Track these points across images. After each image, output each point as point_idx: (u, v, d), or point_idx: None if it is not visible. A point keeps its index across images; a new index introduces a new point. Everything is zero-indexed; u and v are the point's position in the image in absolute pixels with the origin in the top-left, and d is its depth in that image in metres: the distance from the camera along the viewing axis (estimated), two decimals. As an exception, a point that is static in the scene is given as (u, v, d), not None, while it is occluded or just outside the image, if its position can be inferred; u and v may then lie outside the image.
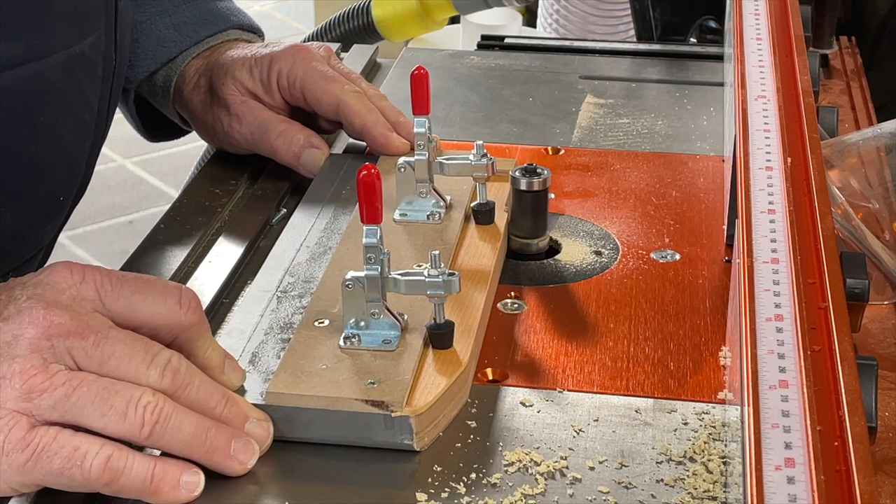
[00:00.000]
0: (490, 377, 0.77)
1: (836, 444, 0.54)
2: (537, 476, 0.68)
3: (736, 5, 1.03)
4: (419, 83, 0.87)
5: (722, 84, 1.18)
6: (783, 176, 0.76)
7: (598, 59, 1.30)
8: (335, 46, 1.27)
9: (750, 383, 0.58)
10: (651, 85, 1.23)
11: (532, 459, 0.69)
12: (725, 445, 0.70)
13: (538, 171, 0.89)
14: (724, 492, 0.66)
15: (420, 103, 0.87)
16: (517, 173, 0.89)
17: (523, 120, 1.14)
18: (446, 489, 0.67)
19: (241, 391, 0.72)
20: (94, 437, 0.65)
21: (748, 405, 0.57)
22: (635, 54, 1.31)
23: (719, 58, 1.25)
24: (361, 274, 0.74)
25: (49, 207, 0.94)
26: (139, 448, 0.67)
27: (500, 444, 0.71)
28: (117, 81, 0.97)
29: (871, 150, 0.92)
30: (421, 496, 0.66)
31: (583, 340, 0.80)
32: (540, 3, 1.93)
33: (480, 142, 0.89)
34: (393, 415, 0.70)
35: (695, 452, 0.69)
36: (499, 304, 0.84)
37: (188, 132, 1.13)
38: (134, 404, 0.65)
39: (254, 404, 0.71)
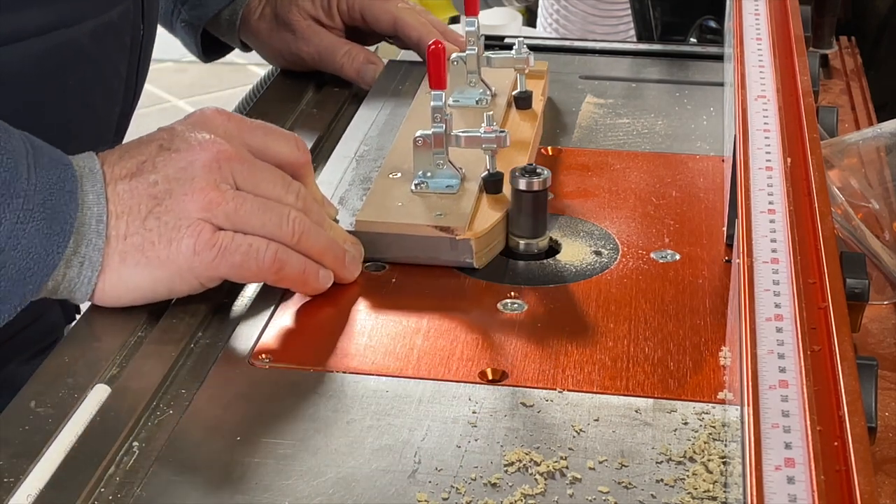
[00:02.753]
0: (490, 377, 0.77)
1: (836, 444, 0.54)
2: (537, 476, 0.68)
3: (736, 5, 1.03)
4: None
5: (722, 84, 1.18)
6: (783, 176, 0.76)
7: (598, 59, 1.30)
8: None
9: (750, 383, 0.58)
10: (651, 85, 1.23)
11: (532, 459, 0.69)
12: (725, 445, 0.70)
13: (538, 171, 0.89)
14: (724, 492, 0.66)
15: (471, 5, 1.04)
16: (517, 173, 0.89)
17: (523, 120, 1.14)
18: (446, 489, 0.67)
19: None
20: (262, 238, 0.81)
21: (748, 405, 0.57)
22: (635, 54, 1.31)
23: (719, 58, 1.25)
24: (429, 132, 0.91)
25: None
26: None
27: (500, 444, 0.71)
28: (145, 51, 1.06)
29: (871, 150, 0.92)
30: (421, 496, 0.66)
31: (583, 340, 0.80)
32: (540, 3, 1.93)
33: (521, 37, 1.09)
34: (457, 237, 0.87)
35: (695, 452, 0.69)
36: (499, 304, 0.84)
37: (232, 50, 1.29)
38: (285, 217, 0.82)
39: (346, 231, 0.88)
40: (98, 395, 0.74)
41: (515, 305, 0.84)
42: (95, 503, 0.67)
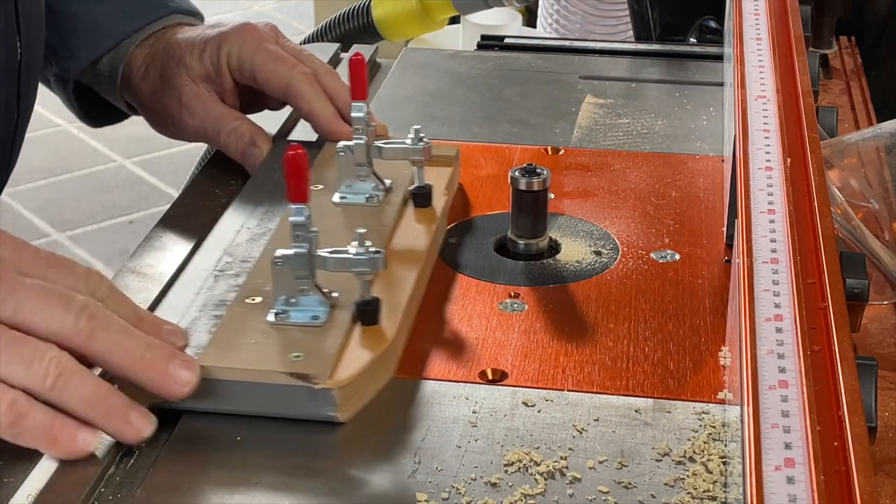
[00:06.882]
0: (490, 377, 0.77)
1: (835, 444, 0.54)
2: (537, 476, 0.68)
3: (736, 5, 1.03)
4: (357, 68, 0.88)
5: (722, 84, 1.18)
6: (783, 176, 0.76)
7: (598, 59, 1.30)
8: (335, 47, 1.28)
9: (750, 383, 0.58)
10: (651, 85, 1.23)
11: (532, 459, 0.69)
12: (725, 445, 0.70)
13: (538, 171, 0.89)
14: (724, 492, 0.66)
15: (358, 88, 0.89)
16: (517, 173, 0.89)
17: (523, 120, 1.14)
18: (446, 489, 0.67)
19: None
20: (3, 384, 0.66)
21: (748, 405, 0.57)
22: (635, 54, 1.31)
23: (719, 58, 1.26)
24: (290, 252, 0.75)
25: None
26: None
27: (500, 444, 0.71)
28: (26, 71, 0.97)
29: (871, 150, 0.92)
30: (421, 496, 0.66)
31: (583, 340, 0.81)
32: (540, 3, 1.93)
33: (418, 126, 0.91)
34: (315, 387, 0.71)
35: (694, 452, 0.69)
36: (499, 304, 0.84)
37: (129, 116, 1.13)
38: (40, 356, 0.67)
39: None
40: (98, 395, 0.74)
41: (515, 305, 0.84)
42: (95, 503, 0.67)
